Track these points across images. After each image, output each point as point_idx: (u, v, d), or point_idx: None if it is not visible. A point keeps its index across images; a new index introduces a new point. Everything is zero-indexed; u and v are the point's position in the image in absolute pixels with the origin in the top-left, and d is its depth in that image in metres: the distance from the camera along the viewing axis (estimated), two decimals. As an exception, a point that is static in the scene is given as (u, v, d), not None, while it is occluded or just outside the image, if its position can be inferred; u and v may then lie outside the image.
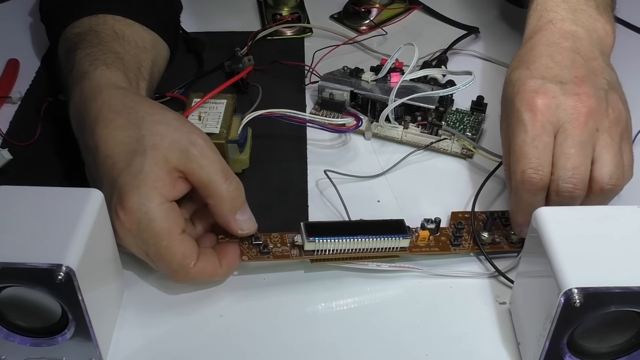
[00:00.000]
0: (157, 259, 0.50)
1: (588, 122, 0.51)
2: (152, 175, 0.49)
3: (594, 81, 0.52)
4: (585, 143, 0.51)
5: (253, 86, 0.68)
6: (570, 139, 0.50)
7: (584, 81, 0.52)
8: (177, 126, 0.51)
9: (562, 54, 0.54)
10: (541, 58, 0.54)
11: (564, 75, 0.53)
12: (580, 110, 0.51)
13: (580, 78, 0.52)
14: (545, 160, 0.51)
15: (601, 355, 0.47)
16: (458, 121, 0.65)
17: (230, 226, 0.51)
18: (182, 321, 0.52)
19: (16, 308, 0.46)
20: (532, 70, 0.53)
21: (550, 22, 0.56)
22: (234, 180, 0.51)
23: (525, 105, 0.52)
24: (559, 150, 0.51)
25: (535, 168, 0.50)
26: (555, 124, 0.51)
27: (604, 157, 0.51)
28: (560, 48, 0.54)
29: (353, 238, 0.52)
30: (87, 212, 0.46)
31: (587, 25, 0.56)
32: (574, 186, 0.50)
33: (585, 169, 0.51)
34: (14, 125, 0.68)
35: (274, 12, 0.82)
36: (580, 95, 0.51)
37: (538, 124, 0.51)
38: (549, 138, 0.51)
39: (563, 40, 0.55)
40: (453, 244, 0.55)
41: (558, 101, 0.51)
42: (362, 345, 0.50)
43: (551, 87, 0.52)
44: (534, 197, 0.51)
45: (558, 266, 0.43)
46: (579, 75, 0.53)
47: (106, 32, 0.61)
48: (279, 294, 0.54)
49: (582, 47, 0.55)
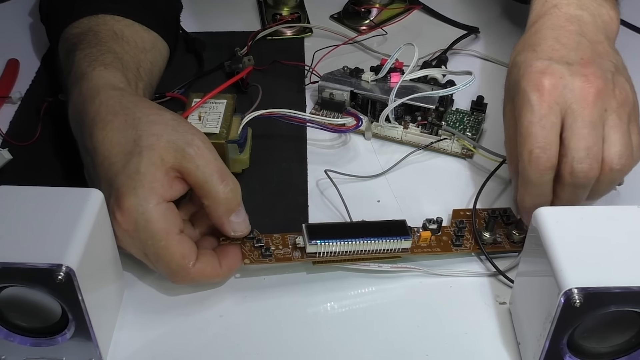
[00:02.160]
0: (155, 260, 0.50)
1: (597, 102, 0.50)
2: (149, 176, 0.49)
3: (601, 63, 0.52)
4: (596, 123, 0.50)
5: (253, 86, 0.68)
6: (580, 119, 0.50)
7: (590, 63, 0.52)
8: (174, 126, 0.51)
9: (568, 37, 0.54)
10: (547, 40, 0.54)
11: (571, 57, 0.52)
12: (589, 90, 0.50)
13: (587, 60, 0.52)
14: (553, 140, 0.50)
15: (601, 355, 0.47)
16: (458, 121, 0.65)
17: (224, 227, 0.51)
18: (182, 321, 0.52)
19: (16, 308, 0.46)
20: (539, 52, 0.53)
21: (555, 7, 0.56)
22: (231, 182, 0.51)
23: (532, 86, 0.51)
24: (570, 132, 0.50)
25: (543, 147, 0.50)
26: (563, 105, 0.51)
27: (613, 137, 0.51)
28: (566, 31, 0.54)
29: (355, 240, 0.52)
30: (87, 212, 0.46)
31: (592, 10, 0.56)
32: (589, 166, 0.50)
33: (598, 149, 0.50)
34: (14, 125, 0.68)
35: (274, 12, 0.82)
36: (587, 76, 0.51)
37: (545, 104, 0.51)
38: (556, 119, 0.51)
39: (568, 24, 0.55)
40: (455, 244, 0.55)
41: (565, 82, 0.51)
42: (362, 345, 0.50)
43: (558, 68, 0.52)
44: (541, 177, 0.51)
45: (558, 266, 0.43)
46: (585, 57, 0.52)
47: (105, 32, 0.61)
48: (280, 294, 0.54)
49: (588, 30, 0.55)
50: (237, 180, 0.51)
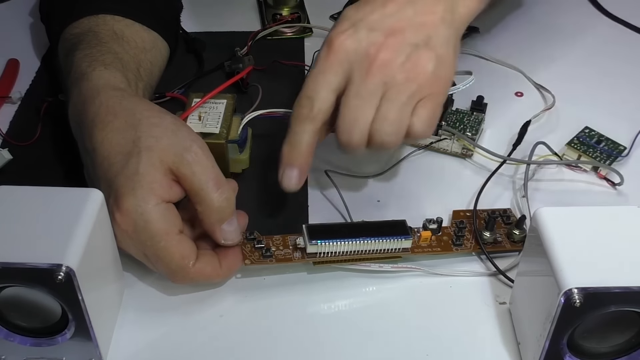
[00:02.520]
0: (155, 260, 0.50)
1: (376, 73, 0.50)
2: (148, 177, 0.49)
3: (408, 36, 0.51)
4: (371, 95, 0.50)
5: (253, 86, 0.68)
6: (354, 88, 0.51)
7: (394, 34, 0.51)
8: (174, 130, 0.51)
9: (396, 2, 0.52)
10: (376, 1, 0.53)
11: (380, 23, 0.51)
12: (372, 60, 0.50)
13: (393, 30, 0.51)
14: (321, 96, 0.51)
15: (601, 355, 0.47)
16: (458, 121, 0.65)
17: (215, 235, 0.51)
18: (182, 321, 0.52)
19: (16, 308, 0.46)
20: (356, 11, 0.52)
21: None
22: (226, 190, 0.50)
23: (326, 43, 0.52)
24: (344, 98, 0.51)
25: (307, 96, 0.51)
26: (347, 68, 0.51)
27: (383, 112, 0.51)
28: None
29: (355, 240, 0.52)
30: (87, 212, 0.46)
31: None
32: (349, 136, 0.51)
33: (363, 122, 0.51)
34: (14, 125, 0.68)
35: (274, 12, 0.82)
36: (380, 45, 0.50)
37: (328, 62, 0.51)
38: (334, 77, 0.51)
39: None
40: (455, 243, 0.55)
41: (356, 47, 0.51)
42: (362, 345, 0.50)
43: (356, 32, 0.51)
44: (297, 126, 0.52)
45: (558, 266, 0.43)
46: (395, 27, 0.51)
47: (105, 32, 0.61)
48: (280, 294, 0.54)
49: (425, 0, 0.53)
50: (232, 190, 0.51)
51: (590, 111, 0.69)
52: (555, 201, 0.61)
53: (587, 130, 0.65)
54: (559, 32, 0.81)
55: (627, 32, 0.81)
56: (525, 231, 0.56)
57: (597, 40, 0.80)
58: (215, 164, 0.51)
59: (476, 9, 0.55)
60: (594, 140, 0.64)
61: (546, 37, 0.80)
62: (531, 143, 0.62)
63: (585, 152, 0.63)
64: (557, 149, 0.64)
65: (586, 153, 0.63)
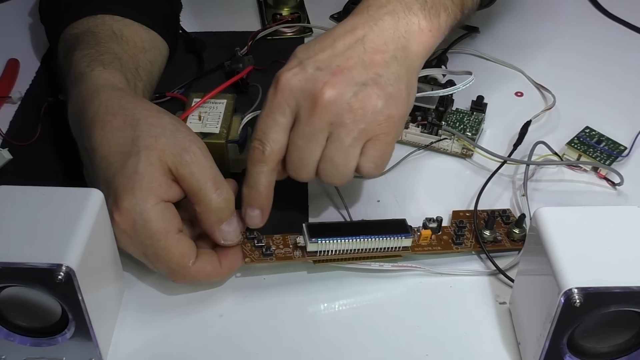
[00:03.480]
0: (155, 260, 0.50)
1: (320, 113, 0.49)
2: (147, 176, 0.49)
3: (357, 74, 0.50)
4: (314, 135, 0.50)
5: (253, 86, 0.68)
6: (300, 127, 0.50)
7: (342, 72, 0.50)
8: (172, 130, 0.51)
9: (346, 41, 0.51)
10: (326, 40, 0.52)
11: (328, 62, 0.50)
12: (317, 98, 0.49)
13: (342, 68, 0.50)
14: (272, 137, 0.50)
15: (601, 355, 0.47)
16: (458, 121, 0.65)
17: (214, 235, 0.51)
18: (182, 321, 0.52)
19: (16, 308, 0.46)
20: (306, 50, 0.52)
21: (367, 7, 0.53)
22: (224, 191, 0.50)
23: (274, 82, 0.51)
24: (291, 136, 0.51)
25: (259, 140, 0.51)
26: (293, 107, 0.50)
27: (328, 154, 0.51)
28: (351, 35, 0.51)
29: (355, 238, 0.52)
30: (87, 212, 0.46)
31: (400, 17, 0.52)
32: (296, 174, 0.52)
33: (309, 161, 0.51)
34: (14, 125, 0.68)
35: (274, 12, 0.82)
36: (325, 84, 0.49)
37: (275, 102, 0.50)
38: (283, 118, 0.50)
39: (360, 28, 0.51)
40: (455, 242, 0.55)
41: (302, 85, 0.50)
42: (362, 344, 0.50)
43: (303, 70, 0.50)
44: (254, 168, 0.51)
45: (558, 266, 0.43)
46: (343, 65, 0.50)
47: (104, 32, 0.61)
48: (280, 293, 0.54)
49: (376, 38, 0.51)
50: (231, 190, 0.51)
51: (591, 111, 0.69)
52: (555, 201, 0.61)
53: (587, 130, 0.65)
54: (559, 32, 0.81)
55: (627, 32, 0.81)
56: (525, 230, 0.56)
57: (597, 40, 0.80)
58: (214, 164, 0.51)
59: (432, 44, 0.54)
60: (594, 140, 0.64)
61: (546, 37, 0.80)
62: (531, 143, 0.62)
63: (585, 152, 0.63)
64: (557, 148, 0.64)
65: (586, 153, 0.63)
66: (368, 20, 0.52)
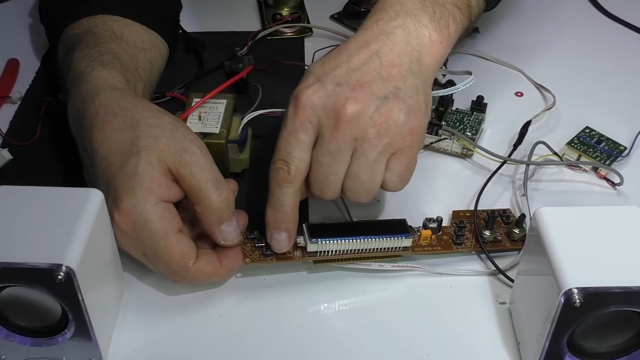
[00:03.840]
0: (155, 260, 0.50)
1: (345, 129, 0.49)
2: (147, 176, 0.49)
3: (376, 88, 0.50)
4: (340, 151, 0.49)
5: (253, 86, 0.68)
6: (324, 145, 0.49)
7: (362, 86, 0.49)
8: (172, 130, 0.51)
9: (361, 56, 0.51)
10: (341, 56, 0.51)
11: (347, 77, 0.50)
12: (339, 115, 0.49)
13: (361, 83, 0.50)
14: (296, 155, 0.50)
15: (601, 355, 0.47)
16: (458, 121, 0.65)
17: (214, 235, 0.51)
18: (182, 321, 0.52)
19: (16, 308, 0.46)
20: (322, 66, 0.51)
21: (376, 22, 0.53)
22: (224, 191, 0.50)
23: (293, 100, 0.50)
24: (314, 154, 0.50)
25: (283, 160, 0.50)
26: (316, 125, 0.50)
27: (353, 170, 0.50)
28: (365, 50, 0.51)
29: (356, 238, 0.52)
30: (87, 212, 0.46)
31: (411, 30, 0.52)
32: (321, 193, 0.51)
33: (335, 178, 0.50)
34: (14, 125, 0.68)
35: (274, 12, 0.82)
36: (347, 99, 0.49)
37: (297, 120, 0.50)
38: (305, 136, 0.50)
39: (373, 42, 0.51)
40: (455, 242, 0.55)
41: (324, 102, 0.49)
42: (362, 344, 0.50)
43: (323, 86, 0.50)
44: (279, 189, 0.50)
45: (558, 266, 0.43)
46: (362, 80, 0.50)
47: (104, 32, 0.61)
48: (280, 294, 0.54)
49: (390, 51, 0.51)
50: (230, 190, 0.51)
51: (591, 111, 0.69)
52: (555, 201, 0.61)
53: (587, 130, 0.65)
54: (559, 32, 0.81)
55: (627, 32, 0.81)
56: (525, 230, 0.56)
57: (597, 40, 0.80)
58: (214, 165, 0.51)
59: (443, 55, 0.54)
60: (594, 140, 0.64)
61: (546, 37, 0.80)
62: (531, 143, 0.62)
63: (585, 152, 0.63)
64: (558, 148, 0.64)
65: (586, 153, 0.63)
66: (380, 35, 0.51)
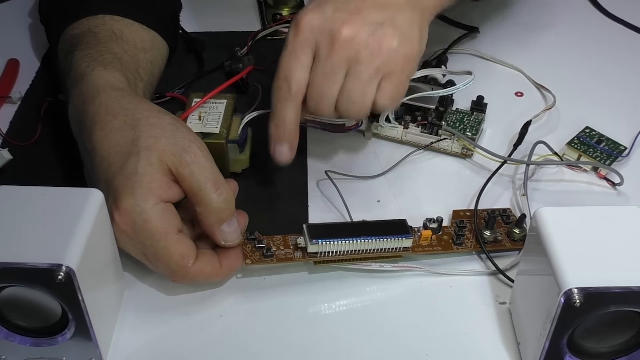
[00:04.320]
0: (154, 260, 0.50)
1: (339, 50, 0.51)
2: (147, 177, 0.49)
3: (373, 14, 0.52)
4: (333, 71, 0.52)
5: (253, 86, 0.68)
6: (320, 64, 0.52)
7: (360, 12, 0.52)
8: (173, 131, 0.51)
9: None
10: None
11: (346, 4, 0.53)
12: (335, 36, 0.51)
13: (359, 9, 0.52)
14: (295, 74, 0.52)
15: (601, 355, 0.47)
16: (458, 121, 0.65)
17: (215, 236, 0.51)
18: (182, 321, 0.52)
19: (16, 308, 0.46)
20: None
21: None
22: (225, 191, 0.50)
23: (294, 23, 0.53)
24: (311, 73, 0.53)
25: (284, 77, 0.53)
26: (313, 46, 0.52)
27: (346, 89, 0.52)
28: None
29: (356, 239, 0.52)
30: (87, 212, 0.46)
31: None
32: (316, 108, 0.53)
33: (329, 96, 0.53)
34: (14, 125, 0.68)
35: (274, 12, 0.82)
36: (345, 22, 0.52)
37: (297, 42, 0.52)
38: (305, 56, 0.52)
39: None
40: (456, 242, 0.55)
41: (322, 25, 0.52)
42: (362, 345, 0.50)
43: (322, 11, 0.52)
44: (280, 104, 0.53)
45: (558, 266, 0.43)
46: (360, 6, 0.52)
47: (104, 32, 0.61)
48: (280, 294, 0.54)
49: None
50: (231, 191, 0.51)
51: (591, 111, 0.69)
52: (555, 201, 0.61)
53: (587, 130, 0.65)
54: (559, 32, 0.81)
55: (627, 32, 0.81)
56: (525, 230, 0.56)
57: (597, 40, 0.80)
58: (214, 165, 0.51)
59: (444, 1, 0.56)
60: (594, 140, 0.64)
61: (546, 37, 0.80)
62: (531, 143, 0.62)
63: (585, 152, 0.63)
64: (558, 148, 0.64)
65: (586, 153, 0.63)
66: None
